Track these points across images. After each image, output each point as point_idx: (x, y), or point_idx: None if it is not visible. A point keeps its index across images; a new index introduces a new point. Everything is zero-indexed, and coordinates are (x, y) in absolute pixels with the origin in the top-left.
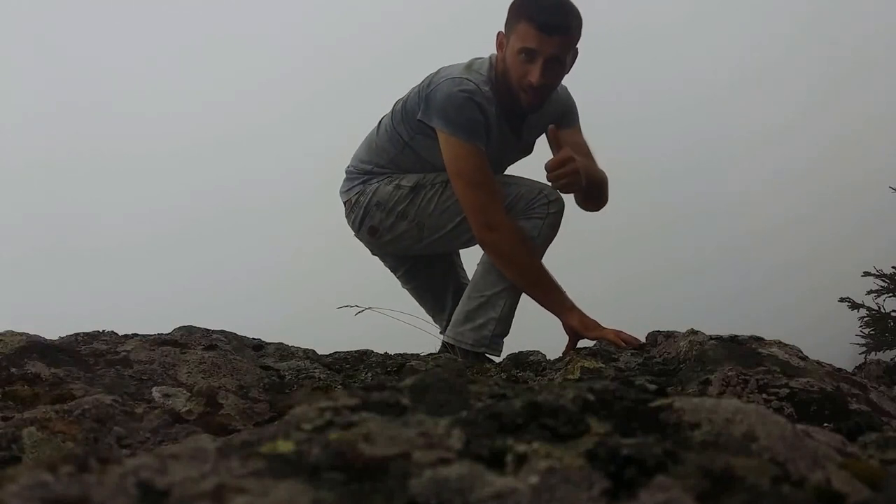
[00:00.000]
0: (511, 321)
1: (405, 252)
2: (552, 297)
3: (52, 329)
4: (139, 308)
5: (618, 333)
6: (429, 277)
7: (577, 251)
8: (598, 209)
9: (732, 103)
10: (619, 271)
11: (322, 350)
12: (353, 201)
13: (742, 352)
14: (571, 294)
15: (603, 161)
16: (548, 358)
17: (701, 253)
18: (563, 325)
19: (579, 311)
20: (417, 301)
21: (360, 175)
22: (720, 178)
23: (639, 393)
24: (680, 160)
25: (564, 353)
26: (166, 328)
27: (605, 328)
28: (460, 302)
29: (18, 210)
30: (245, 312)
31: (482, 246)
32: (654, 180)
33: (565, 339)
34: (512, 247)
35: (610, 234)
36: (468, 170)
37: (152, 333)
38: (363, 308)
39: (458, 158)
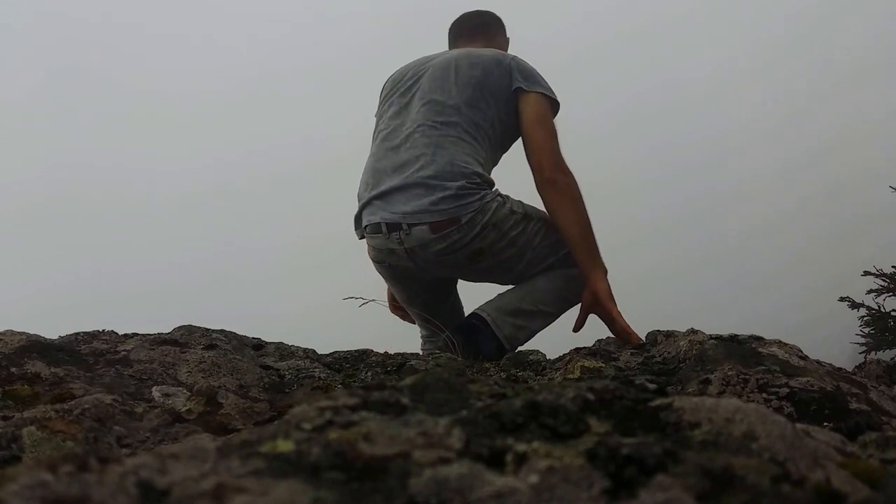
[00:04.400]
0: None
1: (490, 280)
2: (596, 252)
3: (53, 328)
4: (138, 308)
5: (628, 331)
6: (444, 305)
7: None
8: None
9: (730, 100)
10: (618, 271)
11: (322, 349)
12: (463, 220)
13: (742, 351)
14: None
15: (602, 164)
16: (548, 357)
17: (700, 252)
18: (589, 287)
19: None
20: (423, 322)
21: (477, 189)
22: (719, 177)
23: (639, 392)
24: (678, 159)
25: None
26: (166, 327)
27: (622, 316)
28: (512, 293)
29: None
30: (245, 312)
31: (554, 186)
32: (652, 181)
33: (564, 339)
34: (578, 190)
35: (609, 235)
36: (552, 123)
37: (152, 333)
38: (367, 300)
39: (548, 112)
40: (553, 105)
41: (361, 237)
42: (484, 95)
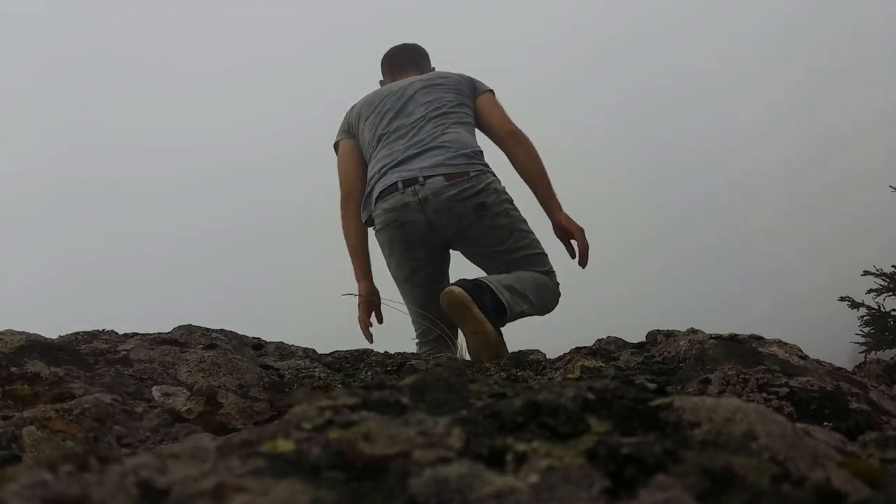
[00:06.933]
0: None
1: (481, 248)
2: (554, 193)
3: (52, 327)
4: (139, 307)
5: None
6: (441, 287)
7: None
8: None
9: (728, 99)
10: (620, 272)
11: (322, 349)
12: (472, 175)
13: (742, 351)
14: (576, 295)
15: (602, 166)
16: (547, 357)
17: (700, 253)
18: (554, 223)
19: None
20: (418, 317)
21: (481, 157)
22: (719, 177)
23: (639, 392)
24: (677, 159)
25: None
26: (166, 327)
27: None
28: (506, 275)
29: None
30: (245, 311)
31: (515, 137)
32: (651, 181)
33: (565, 339)
34: (533, 146)
35: (610, 235)
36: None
37: (152, 332)
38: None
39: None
40: None
41: (369, 223)
42: (464, 99)
